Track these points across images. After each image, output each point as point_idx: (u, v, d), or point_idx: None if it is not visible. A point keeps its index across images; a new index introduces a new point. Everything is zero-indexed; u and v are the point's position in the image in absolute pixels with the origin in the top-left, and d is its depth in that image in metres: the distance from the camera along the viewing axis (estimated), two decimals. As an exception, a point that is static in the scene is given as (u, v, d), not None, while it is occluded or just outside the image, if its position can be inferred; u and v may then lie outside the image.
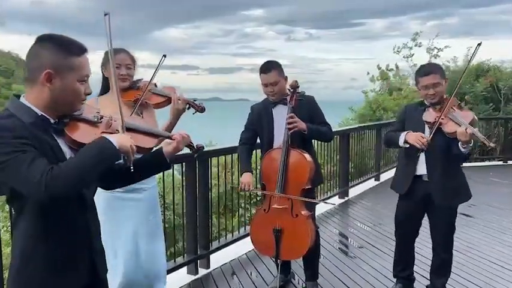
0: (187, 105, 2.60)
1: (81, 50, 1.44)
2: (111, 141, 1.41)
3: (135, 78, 2.58)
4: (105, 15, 1.53)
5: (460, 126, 2.65)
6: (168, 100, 2.58)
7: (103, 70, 2.53)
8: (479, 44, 2.76)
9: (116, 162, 1.52)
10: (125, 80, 2.51)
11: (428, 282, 3.19)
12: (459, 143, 2.67)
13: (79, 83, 1.44)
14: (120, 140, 1.44)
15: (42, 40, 1.42)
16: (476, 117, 2.81)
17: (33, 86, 1.42)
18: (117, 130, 1.56)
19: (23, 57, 1.57)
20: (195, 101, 2.63)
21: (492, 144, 2.61)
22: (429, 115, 2.84)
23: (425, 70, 2.86)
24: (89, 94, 1.49)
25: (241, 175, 3.12)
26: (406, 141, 2.84)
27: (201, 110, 2.64)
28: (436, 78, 2.79)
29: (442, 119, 2.73)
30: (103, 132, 1.54)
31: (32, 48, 1.42)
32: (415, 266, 3.24)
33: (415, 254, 3.23)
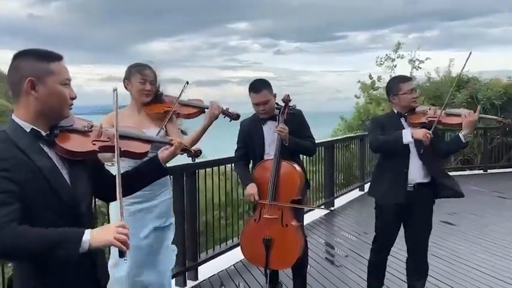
0: (223, 115, 2.82)
1: (58, 57, 1.50)
2: (82, 239, 1.32)
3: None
4: (114, 90, 1.61)
5: (459, 116, 2.79)
6: (200, 111, 2.81)
7: (125, 84, 2.69)
8: (470, 53, 2.84)
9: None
10: (148, 95, 2.67)
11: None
12: (461, 134, 2.78)
13: (61, 86, 1.48)
14: (96, 236, 1.34)
15: (19, 55, 1.48)
16: None
17: (19, 99, 1.46)
18: (108, 138, 1.61)
19: (5, 71, 1.60)
20: (228, 109, 2.84)
21: (506, 120, 2.86)
22: (416, 117, 2.93)
23: (407, 76, 3.10)
24: (74, 98, 1.52)
25: (245, 188, 3.13)
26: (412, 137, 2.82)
27: (236, 117, 2.90)
28: None
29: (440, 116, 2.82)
30: (94, 140, 1.59)
31: (11, 65, 1.47)
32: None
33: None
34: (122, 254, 1.37)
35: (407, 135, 2.84)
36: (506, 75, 12.32)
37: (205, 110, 2.82)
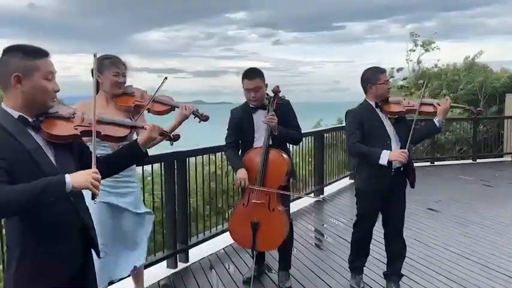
0: (193, 115, 2.85)
1: (43, 53, 1.66)
2: (65, 181, 1.52)
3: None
4: (94, 55, 1.83)
5: (433, 105, 2.99)
6: (171, 108, 2.82)
7: (96, 76, 2.65)
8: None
9: None
10: (120, 87, 2.75)
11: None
12: (436, 120, 3.01)
13: (45, 80, 1.64)
14: (76, 179, 1.54)
15: (9, 50, 1.64)
16: None
17: (8, 91, 1.63)
18: (90, 123, 1.77)
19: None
20: (198, 110, 2.88)
21: (474, 109, 3.10)
22: (392, 107, 3.10)
23: (382, 68, 3.21)
24: (57, 91, 1.69)
25: (235, 172, 3.27)
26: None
27: (205, 119, 2.91)
28: None
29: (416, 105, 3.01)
30: (77, 125, 1.75)
31: (0, 59, 1.63)
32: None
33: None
34: (93, 196, 1.58)
35: (384, 158, 2.97)
36: (503, 66, 13.01)
37: (176, 108, 2.83)
